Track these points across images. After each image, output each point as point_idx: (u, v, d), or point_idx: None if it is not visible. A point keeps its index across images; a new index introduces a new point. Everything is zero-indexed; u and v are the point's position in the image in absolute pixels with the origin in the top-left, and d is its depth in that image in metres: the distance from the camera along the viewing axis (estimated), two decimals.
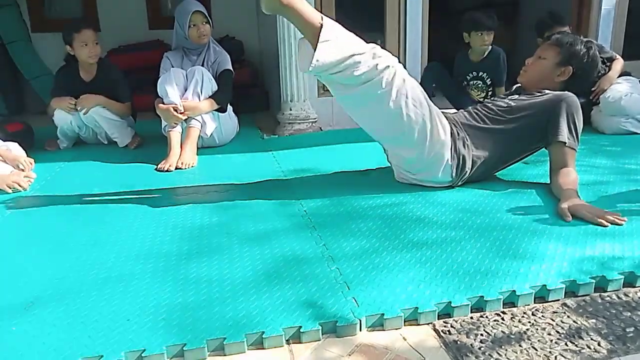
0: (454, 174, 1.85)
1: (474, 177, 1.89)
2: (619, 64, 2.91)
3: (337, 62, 1.61)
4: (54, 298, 1.19)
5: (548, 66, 1.92)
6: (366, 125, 1.86)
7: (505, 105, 1.90)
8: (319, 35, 1.57)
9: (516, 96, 1.95)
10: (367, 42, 1.70)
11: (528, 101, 1.88)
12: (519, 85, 2.06)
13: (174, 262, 1.36)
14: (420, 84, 1.90)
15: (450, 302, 1.13)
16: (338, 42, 1.61)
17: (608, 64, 2.95)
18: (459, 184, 1.90)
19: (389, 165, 2.05)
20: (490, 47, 3.05)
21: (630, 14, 3.58)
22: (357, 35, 1.71)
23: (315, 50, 1.57)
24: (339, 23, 1.69)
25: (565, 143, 1.77)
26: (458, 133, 1.85)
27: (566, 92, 1.86)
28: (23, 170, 2.18)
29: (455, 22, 3.31)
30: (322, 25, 1.59)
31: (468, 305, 1.13)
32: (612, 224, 1.50)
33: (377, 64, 1.65)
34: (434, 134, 1.78)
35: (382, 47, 1.73)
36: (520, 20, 5.26)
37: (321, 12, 3.20)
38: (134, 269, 1.33)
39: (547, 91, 1.89)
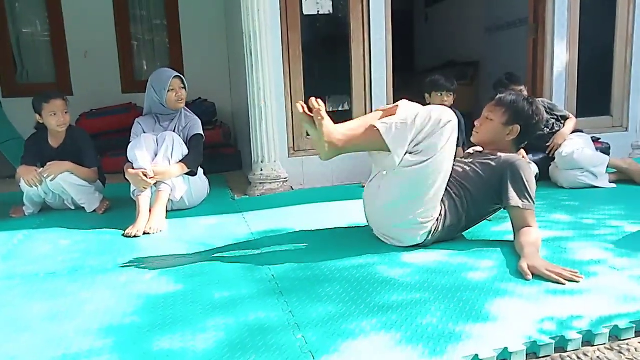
0: (429, 236, 1.90)
1: (440, 238, 1.94)
2: (571, 122, 3.10)
3: (410, 140, 1.76)
4: None
5: (497, 126, 2.01)
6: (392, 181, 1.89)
7: (461, 170, 1.98)
8: (384, 139, 1.75)
9: (470, 160, 2.03)
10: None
11: (480, 167, 1.95)
12: (475, 147, 2.15)
13: (135, 335, 1.33)
14: None
15: None
16: (399, 128, 1.76)
17: (562, 122, 3.12)
18: (429, 244, 1.93)
19: (357, 224, 2.07)
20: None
21: (580, 76, 3.84)
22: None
23: (391, 151, 1.75)
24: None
25: (519, 207, 1.83)
26: None
27: (513, 155, 1.96)
28: None
29: (420, 81, 3.48)
30: (378, 129, 1.76)
31: None
32: (569, 281, 1.54)
33: (440, 120, 1.79)
34: (437, 198, 1.86)
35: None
36: (481, 79, 5.57)
37: (290, 78, 3.33)
38: (94, 344, 1.29)
39: (499, 154, 1.97)
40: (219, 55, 4.68)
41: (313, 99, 1.75)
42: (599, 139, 3.40)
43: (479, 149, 2.13)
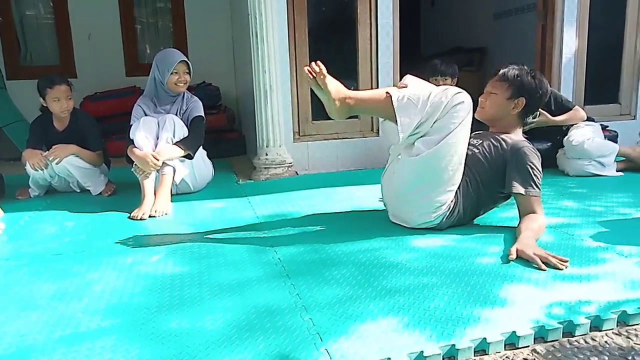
0: (444, 219, 1.90)
1: (456, 222, 1.95)
2: (573, 113, 2.99)
3: (420, 118, 1.75)
4: (16, 358, 1.15)
5: (501, 101, 1.99)
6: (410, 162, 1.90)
7: (470, 153, 1.96)
8: (394, 107, 1.73)
9: (479, 142, 2.01)
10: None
11: (487, 150, 1.95)
12: (478, 132, 2.13)
13: (143, 315, 1.34)
14: None
15: (422, 352, 1.13)
16: (411, 101, 1.75)
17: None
18: (444, 227, 1.93)
19: (363, 208, 2.07)
20: None
21: (589, 63, 3.79)
22: None
23: (397, 122, 1.73)
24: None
25: (523, 193, 1.83)
26: None
27: (520, 142, 1.93)
28: None
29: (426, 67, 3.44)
30: (390, 96, 1.74)
31: (440, 354, 1.13)
32: (553, 267, 1.54)
33: (453, 101, 1.77)
34: (453, 181, 1.86)
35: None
36: (487, 66, 5.51)
37: (296, 61, 3.31)
38: (102, 324, 1.30)
39: (505, 138, 1.95)
40: (224, 39, 4.65)
41: (313, 63, 1.77)
42: (607, 127, 3.38)
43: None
